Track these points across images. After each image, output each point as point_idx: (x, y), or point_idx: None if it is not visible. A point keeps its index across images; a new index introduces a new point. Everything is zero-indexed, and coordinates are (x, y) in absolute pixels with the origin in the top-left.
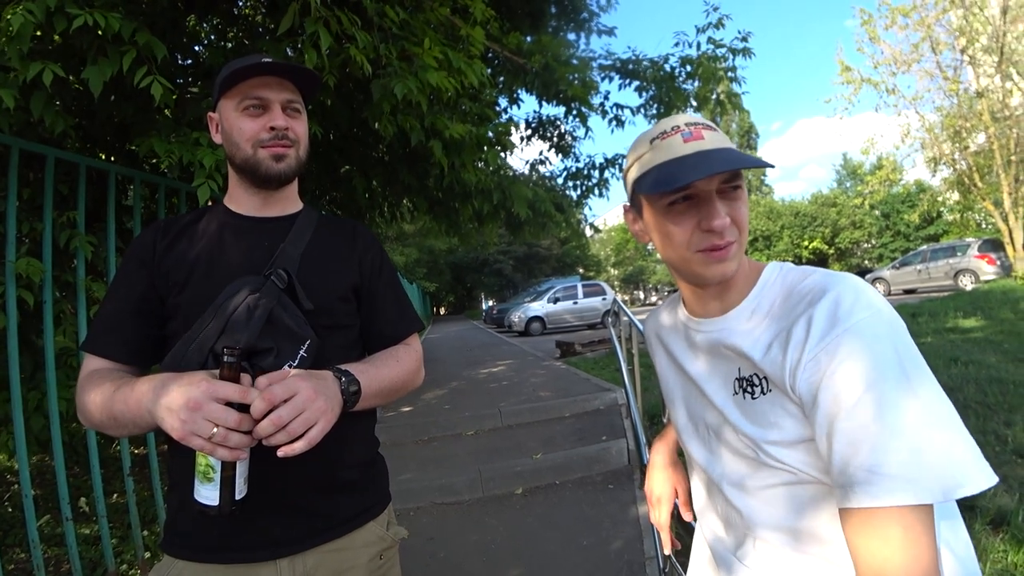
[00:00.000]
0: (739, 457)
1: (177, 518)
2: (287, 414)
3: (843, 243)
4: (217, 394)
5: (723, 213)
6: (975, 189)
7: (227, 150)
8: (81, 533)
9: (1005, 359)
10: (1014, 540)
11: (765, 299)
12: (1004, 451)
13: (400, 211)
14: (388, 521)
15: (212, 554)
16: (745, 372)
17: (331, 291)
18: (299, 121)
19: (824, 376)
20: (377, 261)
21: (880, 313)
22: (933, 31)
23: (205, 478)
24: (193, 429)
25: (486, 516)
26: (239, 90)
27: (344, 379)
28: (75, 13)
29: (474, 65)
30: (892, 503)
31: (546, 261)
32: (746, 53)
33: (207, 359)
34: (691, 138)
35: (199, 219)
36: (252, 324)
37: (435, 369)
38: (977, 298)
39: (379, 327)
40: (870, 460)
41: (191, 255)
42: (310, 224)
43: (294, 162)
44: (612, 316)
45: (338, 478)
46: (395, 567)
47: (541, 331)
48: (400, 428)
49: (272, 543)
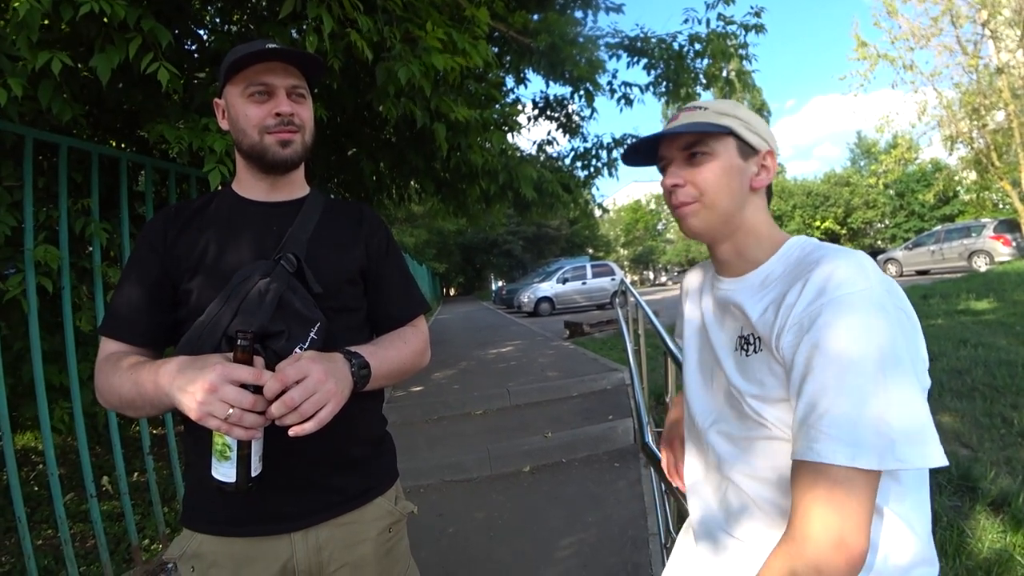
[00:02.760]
0: (729, 407)
1: (195, 494)
2: (298, 396)
3: (855, 223)
4: (232, 376)
5: (678, 175)
6: (992, 168)
7: (234, 136)
8: (104, 510)
9: (1016, 341)
10: (1013, 521)
11: (779, 267)
12: (1010, 433)
13: (408, 193)
14: (396, 496)
15: (229, 527)
16: (745, 331)
17: (339, 274)
18: (304, 106)
19: (803, 339)
20: (384, 244)
21: (870, 291)
22: (954, 3)
23: (222, 456)
24: (210, 410)
25: (494, 493)
26: (244, 76)
27: (354, 361)
28: (81, 1)
29: (479, 46)
30: (828, 461)
31: (555, 242)
32: (758, 29)
33: (220, 342)
34: (671, 121)
35: (208, 204)
36: (264, 308)
37: (444, 350)
38: (991, 280)
39: (386, 309)
40: (821, 421)
41: (201, 241)
42: (317, 208)
43: (300, 147)
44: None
45: (348, 455)
46: (403, 540)
47: (550, 311)
48: (410, 408)
49: (285, 517)
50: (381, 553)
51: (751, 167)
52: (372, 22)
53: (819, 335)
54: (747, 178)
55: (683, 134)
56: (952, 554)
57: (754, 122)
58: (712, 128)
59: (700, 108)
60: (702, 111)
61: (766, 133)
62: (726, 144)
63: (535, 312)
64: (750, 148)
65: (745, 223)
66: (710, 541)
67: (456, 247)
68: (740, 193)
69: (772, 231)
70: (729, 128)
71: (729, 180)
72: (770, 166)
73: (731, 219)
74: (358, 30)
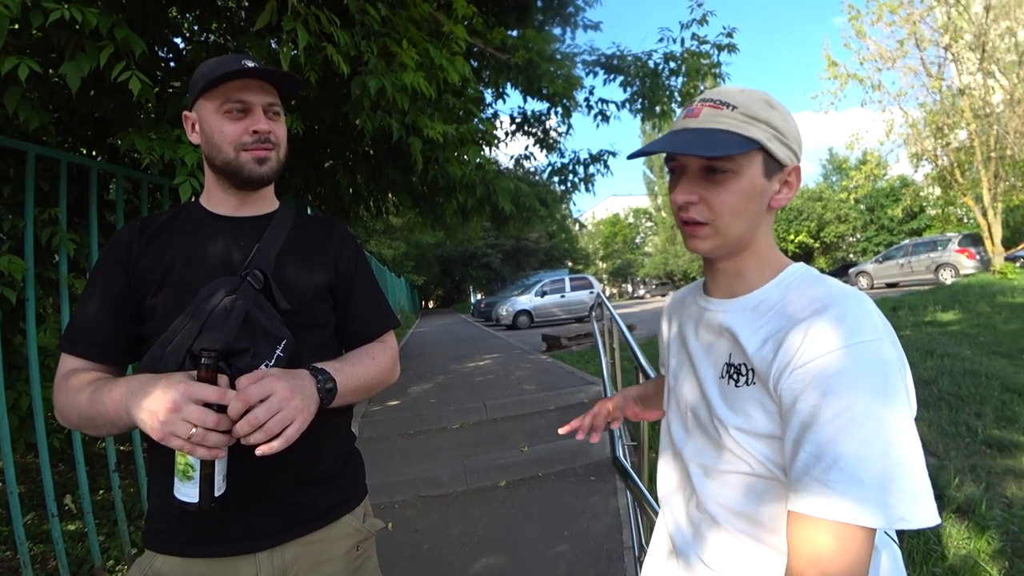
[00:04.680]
0: (708, 438)
1: (158, 514)
2: (263, 414)
3: (828, 237)
4: (195, 396)
5: (690, 191)
6: (956, 185)
7: (206, 151)
8: (67, 530)
9: (980, 352)
10: (977, 527)
11: (776, 294)
12: (975, 441)
13: (385, 206)
14: (364, 513)
15: (192, 547)
16: (735, 360)
17: (307, 290)
18: (279, 124)
19: (810, 385)
20: (353, 259)
21: (880, 342)
22: (918, 28)
23: (185, 476)
24: (172, 430)
25: (470, 508)
26: (221, 92)
27: (320, 377)
28: (51, 8)
29: (456, 61)
30: (835, 517)
31: (534, 255)
32: (731, 49)
33: (184, 360)
34: (689, 115)
35: (175, 218)
36: (228, 325)
37: (422, 363)
38: (956, 292)
39: (355, 325)
40: (828, 475)
41: (168, 255)
42: (287, 223)
43: (275, 164)
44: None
45: (315, 472)
46: (371, 558)
47: (529, 324)
48: (386, 422)
49: (251, 536)
50: (349, 572)
51: (773, 185)
52: (349, 36)
53: (829, 386)
54: (767, 198)
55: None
56: (920, 561)
57: (786, 129)
58: (738, 148)
59: (728, 106)
60: (729, 112)
61: (796, 143)
62: (752, 160)
63: (513, 325)
64: (776, 163)
65: (754, 243)
66: (681, 559)
67: (435, 259)
68: (758, 215)
69: (773, 253)
70: (758, 143)
71: (748, 203)
72: (793, 183)
73: (741, 241)
74: (335, 44)
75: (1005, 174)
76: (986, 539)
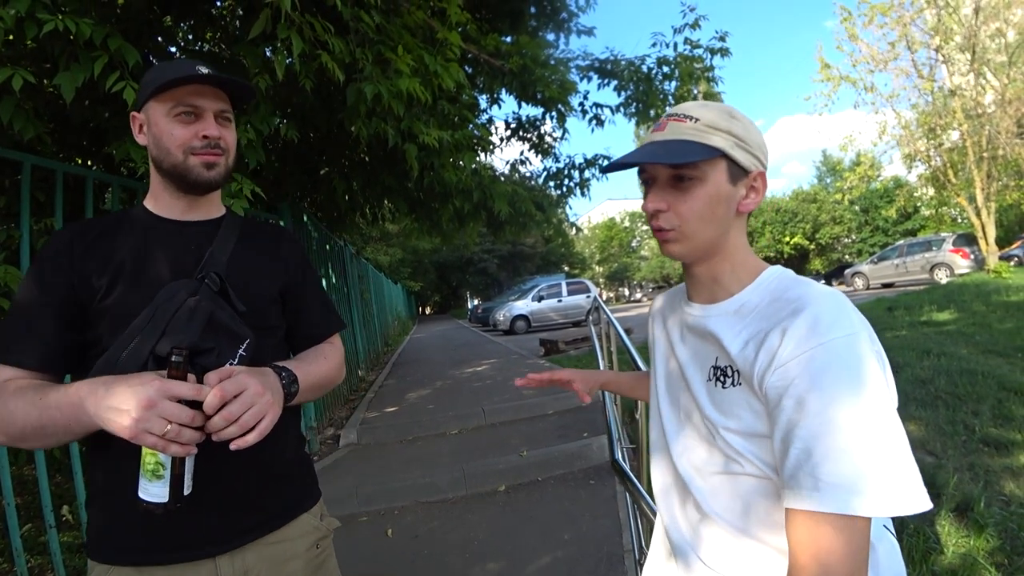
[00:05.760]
0: (700, 440)
1: (107, 523)
2: (238, 409)
3: (823, 238)
4: (171, 392)
5: (659, 199)
6: (949, 185)
7: (154, 153)
8: (64, 541)
9: (976, 351)
10: (976, 525)
11: (755, 297)
12: (972, 440)
13: (381, 212)
14: (321, 514)
15: (149, 556)
16: (721, 362)
17: (260, 294)
18: (230, 130)
19: (792, 384)
20: (301, 264)
21: (856, 336)
22: (909, 30)
23: (154, 476)
24: (147, 427)
25: (469, 513)
26: (173, 96)
27: (284, 374)
28: (45, 19)
29: (450, 68)
30: (831, 510)
31: (531, 259)
32: (723, 53)
33: (147, 361)
34: (656, 129)
35: (119, 222)
36: (194, 325)
37: (419, 369)
38: (951, 291)
39: (306, 327)
40: (819, 469)
41: (115, 259)
42: (235, 228)
43: (224, 170)
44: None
45: (274, 471)
46: (331, 558)
47: (526, 329)
48: (384, 428)
49: (210, 540)
50: (311, 570)
51: (740, 190)
52: (344, 44)
53: (810, 382)
54: (735, 203)
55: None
56: (919, 560)
57: (748, 138)
58: (700, 155)
59: (690, 119)
60: (692, 124)
61: (759, 150)
62: (716, 167)
63: (511, 330)
64: (741, 170)
65: (726, 247)
66: (680, 560)
67: (431, 266)
68: (726, 220)
69: (748, 257)
70: (719, 151)
71: (715, 208)
72: (760, 188)
73: (713, 245)
74: (330, 52)
75: (998, 174)
76: (984, 537)
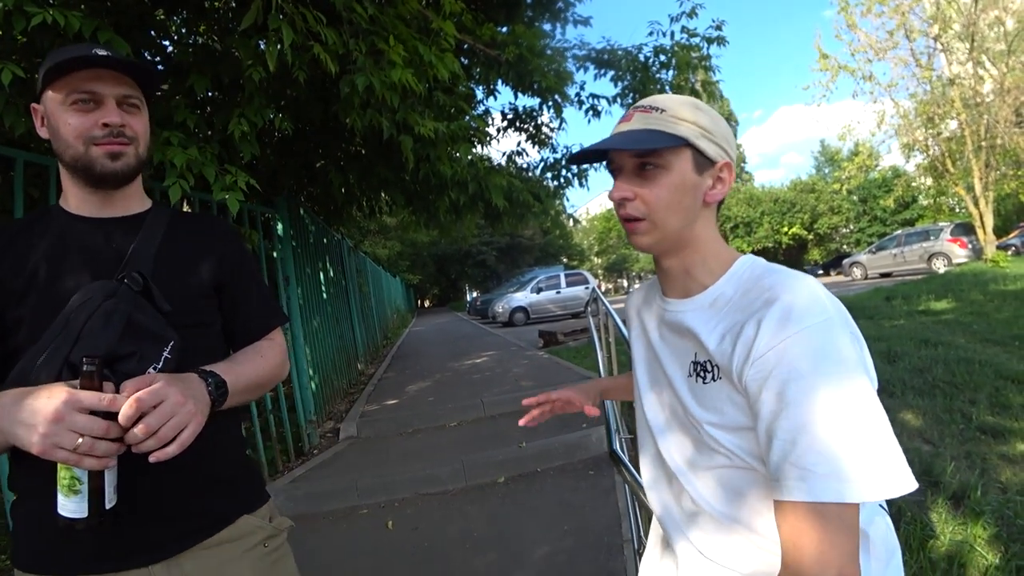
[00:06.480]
0: (685, 435)
1: (31, 534)
2: (156, 421)
3: (822, 228)
4: (81, 404)
5: (627, 189)
6: (947, 174)
7: (54, 146)
8: None
9: (973, 340)
10: (972, 512)
11: (729, 289)
12: (968, 428)
13: (378, 205)
14: (271, 515)
15: (81, 566)
16: (700, 358)
17: (191, 290)
18: (137, 117)
19: (771, 375)
20: (238, 255)
21: (830, 321)
22: (908, 18)
23: (71, 491)
24: (56, 442)
25: (469, 505)
26: (68, 83)
27: (210, 380)
28: (33, 12)
29: (445, 58)
30: (819, 499)
31: (529, 251)
32: (720, 42)
33: (61, 370)
34: (623, 120)
35: (34, 223)
36: (110, 330)
37: (418, 362)
38: (949, 281)
39: (242, 323)
40: (805, 458)
41: (30, 262)
42: (162, 222)
43: (133, 160)
44: (592, 305)
45: (209, 477)
46: (287, 557)
47: (525, 321)
48: (384, 421)
49: (144, 549)
50: (262, 569)
51: (706, 180)
52: (337, 35)
53: (789, 370)
54: (701, 192)
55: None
56: (916, 547)
57: (714, 129)
58: (665, 143)
59: (656, 110)
60: (658, 114)
61: (726, 141)
62: (681, 156)
63: (510, 322)
64: (707, 160)
65: (695, 239)
66: (676, 550)
67: (430, 258)
68: (692, 209)
69: (719, 248)
70: (684, 139)
71: (681, 197)
72: (726, 179)
73: (680, 236)
74: (323, 43)
75: (996, 163)
76: (981, 524)
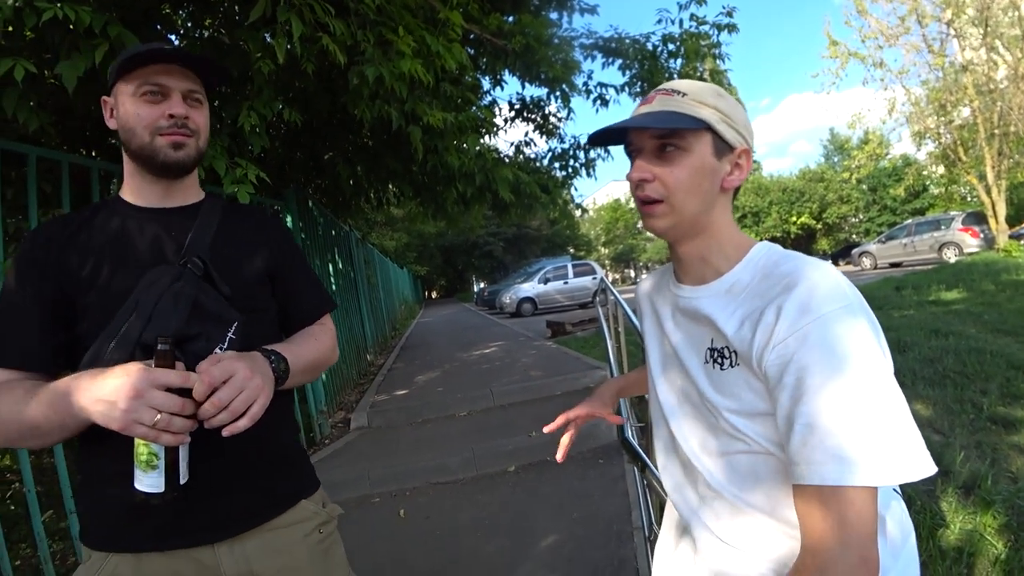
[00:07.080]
0: (702, 422)
1: (101, 513)
2: (227, 395)
3: (831, 218)
4: (158, 381)
5: (646, 170)
6: (959, 163)
7: (122, 136)
8: None
9: (984, 330)
10: (982, 502)
11: (746, 275)
12: (979, 418)
13: (386, 197)
14: (324, 501)
15: (148, 543)
16: (717, 344)
17: (246, 276)
18: (200, 112)
19: (791, 360)
20: (287, 245)
21: (851, 307)
22: (920, 3)
23: (148, 466)
24: (136, 417)
25: (480, 493)
26: (138, 75)
27: (273, 357)
28: (44, 7)
29: (453, 49)
30: (840, 483)
31: (536, 242)
32: (731, 29)
33: (134, 351)
34: (644, 103)
35: (96, 214)
36: (179, 312)
37: (427, 352)
38: (960, 270)
39: (296, 309)
40: (826, 442)
41: (95, 252)
42: (216, 212)
43: (194, 151)
44: (600, 295)
45: (273, 456)
46: (337, 544)
47: (532, 312)
48: (394, 411)
49: (210, 527)
50: (316, 557)
51: (724, 166)
52: (345, 26)
53: (809, 357)
54: (719, 177)
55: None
56: (926, 536)
57: (734, 115)
58: (687, 124)
59: (678, 93)
60: (679, 97)
61: (744, 128)
62: (701, 139)
63: (517, 313)
64: (726, 145)
65: (712, 225)
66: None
67: (437, 250)
68: (710, 194)
69: (735, 234)
70: (706, 123)
71: (700, 180)
72: (744, 165)
73: (698, 220)
74: (331, 34)
75: (1009, 151)
76: (991, 513)
